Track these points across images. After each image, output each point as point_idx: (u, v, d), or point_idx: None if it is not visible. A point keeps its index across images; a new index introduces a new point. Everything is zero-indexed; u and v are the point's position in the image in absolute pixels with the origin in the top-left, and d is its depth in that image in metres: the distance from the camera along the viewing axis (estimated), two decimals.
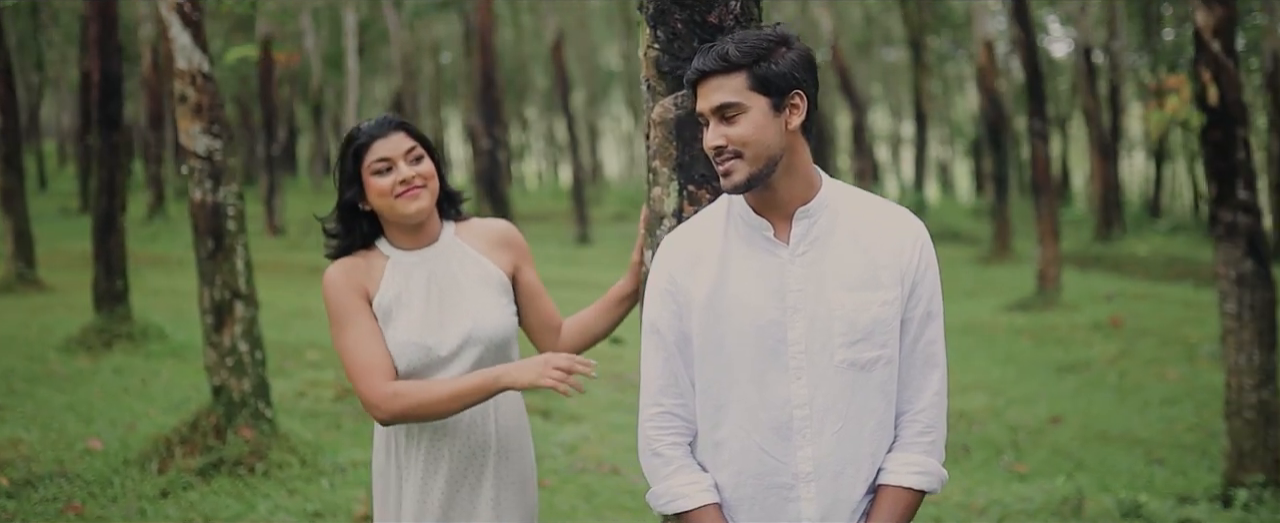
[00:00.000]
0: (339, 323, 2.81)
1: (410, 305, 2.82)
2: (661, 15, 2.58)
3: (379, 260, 2.88)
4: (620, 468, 6.81)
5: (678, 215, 2.62)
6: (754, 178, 2.30)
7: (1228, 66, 6.50)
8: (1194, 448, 8.01)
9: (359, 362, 2.76)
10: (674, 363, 2.43)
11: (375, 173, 2.78)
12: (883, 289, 2.35)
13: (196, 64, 6.25)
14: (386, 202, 2.79)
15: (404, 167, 2.78)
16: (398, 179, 2.77)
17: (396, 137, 2.80)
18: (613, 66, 51.53)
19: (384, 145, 2.79)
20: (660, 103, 2.61)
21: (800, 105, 2.30)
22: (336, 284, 2.82)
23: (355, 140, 2.81)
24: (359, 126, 2.84)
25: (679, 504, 2.41)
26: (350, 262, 2.86)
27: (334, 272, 2.85)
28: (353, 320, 2.79)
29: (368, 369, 2.75)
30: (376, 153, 2.78)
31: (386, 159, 2.78)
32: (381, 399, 2.73)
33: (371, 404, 2.75)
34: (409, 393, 2.73)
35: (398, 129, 2.82)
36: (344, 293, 2.81)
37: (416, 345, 2.80)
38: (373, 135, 2.80)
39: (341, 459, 6.54)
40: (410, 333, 2.80)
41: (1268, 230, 18.25)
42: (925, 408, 2.40)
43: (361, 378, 2.75)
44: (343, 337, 2.80)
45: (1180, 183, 45.99)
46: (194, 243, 6.41)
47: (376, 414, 2.76)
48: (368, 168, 2.79)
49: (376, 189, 2.78)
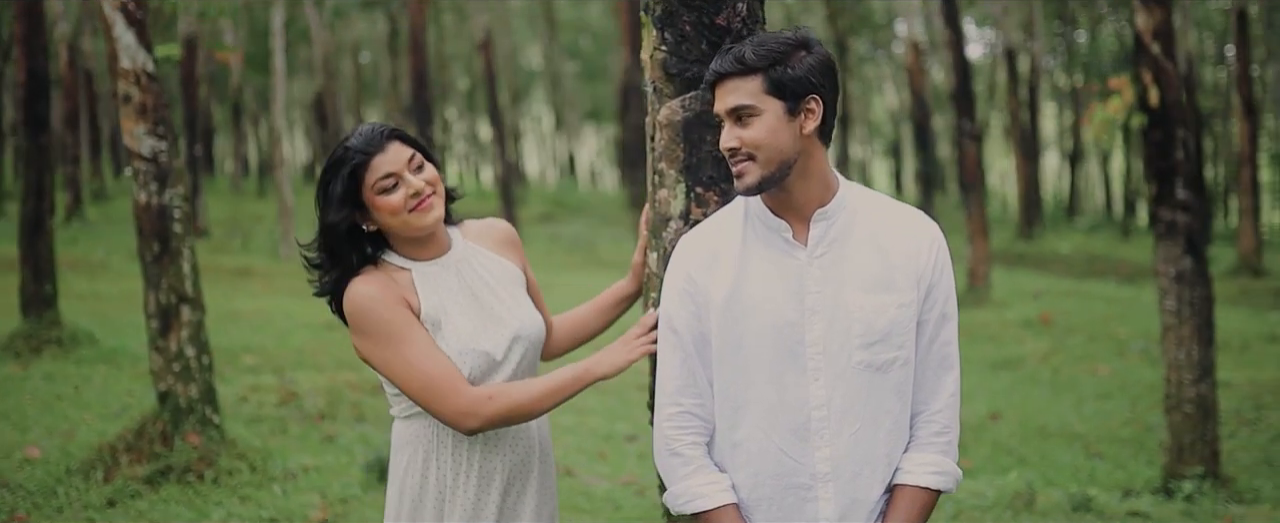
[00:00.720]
0: (393, 339, 2.60)
1: (455, 314, 2.69)
2: (669, 17, 2.57)
3: (400, 274, 2.70)
4: (573, 470, 6.79)
5: (685, 217, 2.62)
6: (766, 180, 2.31)
7: (1167, 68, 6.65)
8: (1131, 442, 8.19)
9: (434, 373, 2.59)
10: (692, 363, 2.43)
11: (382, 191, 2.61)
12: (899, 291, 2.37)
13: (141, 63, 6.11)
14: (399, 219, 2.63)
15: (411, 178, 2.62)
16: (408, 193, 2.61)
17: (394, 148, 2.63)
18: (534, 67, 51.39)
19: (385, 160, 2.61)
20: (667, 105, 2.60)
21: (816, 110, 2.31)
22: (379, 299, 2.61)
23: (350, 159, 2.60)
24: (347, 144, 2.63)
25: (698, 504, 2.40)
26: (376, 276, 2.66)
27: (367, 287, 2.62)
28: (409, 334, 2.60)
29: (447, 378, 2.59)
30: (379, 170, 2.60)
31: (392, 174, 2.61)
32: (473, 404, 2.58)
33: (463, 412, 2.58)
34: (504, 395, 2.61)
35: (392, 139, 2.64)
36: (390, 307, 2.61)
37: (476, 352, 2.66)
38: (369, 151, 2.61)
39: (292, 465, 6.45)
40: (465, 341, 2.66)
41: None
42: (942, 409, 2.43)
43: (442, 389, 2.58)
44: (402, 352, 2.60)
45: (1092, 183, 47.00)
46: (138, 246, 6.26)
47: (468, 423, 2.60)
48: (372, 187, 2.61)
49: (387, 207, 2.61)
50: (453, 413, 2.59)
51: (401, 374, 2.61)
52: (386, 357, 2.61)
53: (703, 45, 2.56)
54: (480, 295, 2.74)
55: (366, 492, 6.13)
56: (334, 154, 2.63)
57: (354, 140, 2.63)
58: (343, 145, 2.64)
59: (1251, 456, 7.62)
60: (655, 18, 2.59)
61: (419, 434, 2.72)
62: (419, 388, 2.60)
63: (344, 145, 2.64)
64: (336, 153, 2.63)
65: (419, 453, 2.72)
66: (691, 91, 2.58)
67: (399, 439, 2.77)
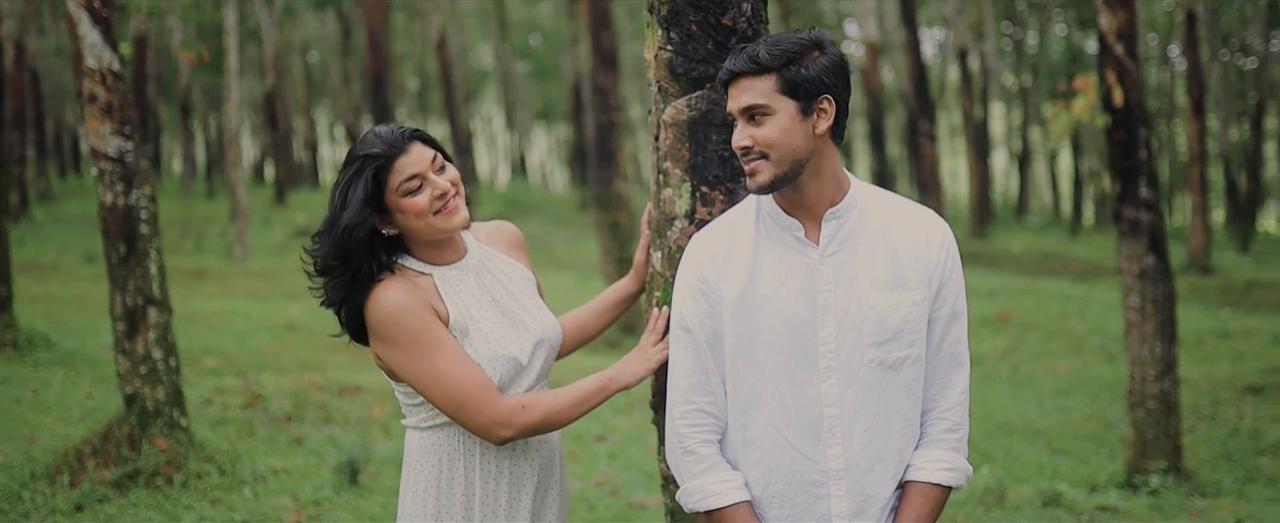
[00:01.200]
0: (423, 349, 2.53)
1: (480, 320, 2.65)
2: (675, 17, 2.57)
3: (422, 280, 2.64)
4: None
5: (690, 217, 2.62)
6: (779, 179, 2.32)
7: (1131, 69, 6.75)
8: (1092, 438, 8.29)
9: (467, 383, 2.53)
10: (705, 361, 2.44)
11: (407, 193, 2.55)
12: (911, 290, 2.39)
13: (107, 62, 6.03)
14: (424, 221, 2.57)
15: (436, 179, 2.57)
16: (434, 194, 2.57)
17: (417, 148, 2.58)
18: (485, 66, 51.17)
19: (408, 162, 2.55)
20: (673, 104, 2.61)
21: (828, 110, 2.33)
22: (408, 306, 2.54)
23: (372, 160, 2.53)
24: (368, 146, 2.55)
25: (712, 502, 2.41)
26: (401, 283, 2.58)
27: (395, 293, 2.55)
28: (439, 342, 2.54)
29: (481, 388, 2.54)
30: (404, 171, 2.54)
31: (417, 175, 2.55)
32: (508, 415, 2.55)
33: (497, 422, 2.54)
34: (537, 405, 2.57)
35: (413, 140, 2.58)
36: (419, 315, 2.54)
37: (505, 358, 2.62)
38: (392, 153, 2.54)
39: (261, 468, 6.39)
40: (494, 347, 2.62)
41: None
42: (953, 406, 2.45)
43: (477, 398, 2.53)
44: (434, 361, 2.53)
45: (1040, 183, 47.53)
46: (104, 248, 6.18)
47: (501, 433, 2.56)
48: (396, 189, 2.54)
49: (413, 210, 2.55)
50: (486, 423, 2.55)
51: (432, 385, 2.55)
52: (416, 367, 2.55)
53: (709, 45, 2.57)
54: (501, 300, 2.71)
55: (339, 494, 6.09)
56: (353, 156, 2.57)
57: (375, 142, 2.56)
58: (363, 147, 2.57)
59: (1210, 450, 7.74)
60: (661, 17, 2.59)
61: (443, 443, 2.67)
62: (451, 399, 2.55)
63: (364, 147, 2.57)
64: (356, 154, 2.56)
65: (445, 463, 2.66)
66: (698, 91, 2.58)
67: (419, 449, 2.69)
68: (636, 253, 2.86)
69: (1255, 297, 15.63)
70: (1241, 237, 26.11)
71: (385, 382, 8.75)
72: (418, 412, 2.68)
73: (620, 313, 2.96)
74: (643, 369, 2.64)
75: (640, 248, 2.83)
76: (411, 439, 2.72)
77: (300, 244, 17.85)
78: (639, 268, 2.86)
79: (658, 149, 2.67)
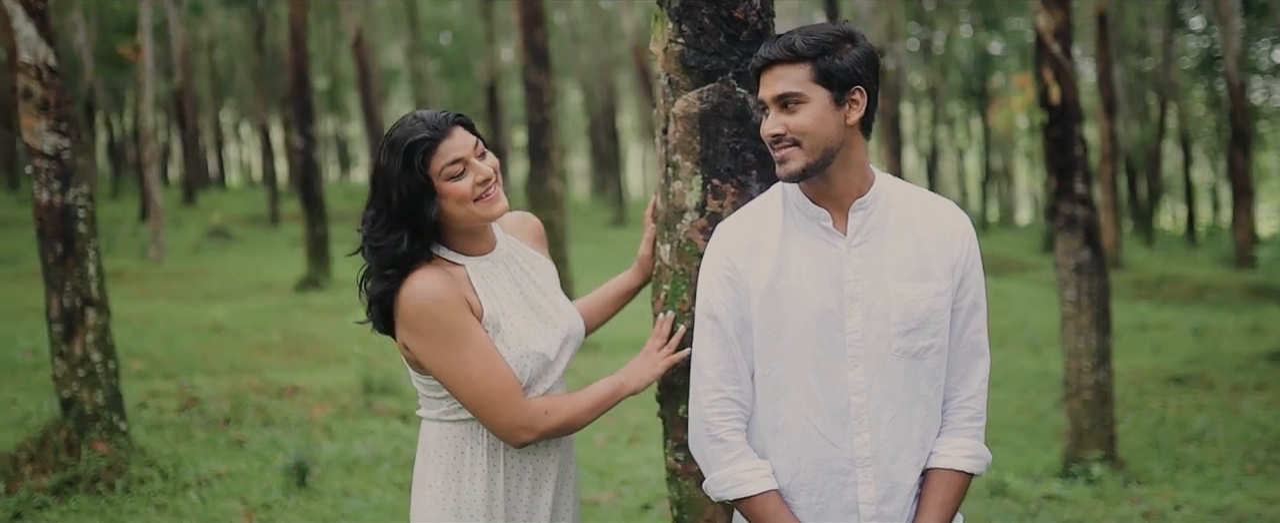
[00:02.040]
0: (455, 344, 2.49)
1: (512, 314, 2.62)
2: (688, 10, 2.57)
3: (455, 270, 2.59)
4: None
5: (701, 210, 2.62)
6: (810, 167, 2.33)
7: (1067, 67, 6.90)
8: (1025, 429, 8.46)
9: (496, 384, 2.51)
10: (733, 349, 2.44)
11: (450, 177, 2.50)
12: (935, 280, 2.42)
13: (42, 57, 5.86)
14: (465, 208, 2.53)
15: (478, 164, 2.53)
16: (477, 180, 2.53)
17: (459, 133, 2.53)
18: (395, 65, 50.64)
19: (451, 145, 2.50)
20: (684, 97, 2.60)
21: (860, 101, 2.35)
22: (445, 298, 2.49)
23: (419, 143, 2.48)
24: (411, 129, 2.50)
25: (742, 490, 2.42)
26: (437, 274, 2.53)
27: (433, 285, 2.50)
28: (472, 339, 2.50)
29: (509, 391, 2.51)
30: (447, 155, 2.50)
31: (460, 160, 2.50)
32: (531, 419, 2.53)
33: (519, 426, 2.53)
34: (558, 409, 2.56)
35: (457, 124, 2.54)
36: (455, 309, 2.50)
37: (536, 355, 2.59)
38: (436, 136, 2.49)
39: (204, 471, 6.26)
40: (525, 342, 2.59)
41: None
42: (974, 395, 2.49)
43: (503, 401, 2.51)
44: (464, 358, 2.50)
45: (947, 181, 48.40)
46: (40, 248, 6.01)
47: (522, 437, 2.55)
48: (439, 173, 2.50)
49: (456, 194, 2.51)
50: (509, 426, 2.53)
51: (460, 382, 2.52)
52: (446, 362, 2.51)
53: (721, 38, 2.57)
54: (530, 295, 2.69)
55: (289, 497, 5.99)
56: (395, 140, 2.52)
57: (420, 126, 2.52)
58: (404, 130, 2.53)
59: (1140, 439, 7.95)
60: (672, 10, 2.59)
61: (465, 436, 2.63)
62: (478, 398, 2.52)
63: (407, 130, 2.52)
64: (399, 137, 2.51)
65: (467, 456, 2.63)
66: (710, 84, 2.58)
67: (438, 441, 2.66)
68: (641, 247, 2.85)
69: (1166, 290, 16.09)
70: (1145, 232, 26.83)
71: (325, 382, 8.65)
72: (439, 404, 2.65)
73: (622, 306, 2.95)
74: (650, 375, 2.64)
75: (645, 242, 2.83)
76: (430, 431, 2.68)
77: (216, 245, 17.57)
78: (644, 261, 2.85)
79: (666, 142, 2.66)
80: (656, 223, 2.75)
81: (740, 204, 2.60)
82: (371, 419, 7.74)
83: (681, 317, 2.66)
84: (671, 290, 2.68)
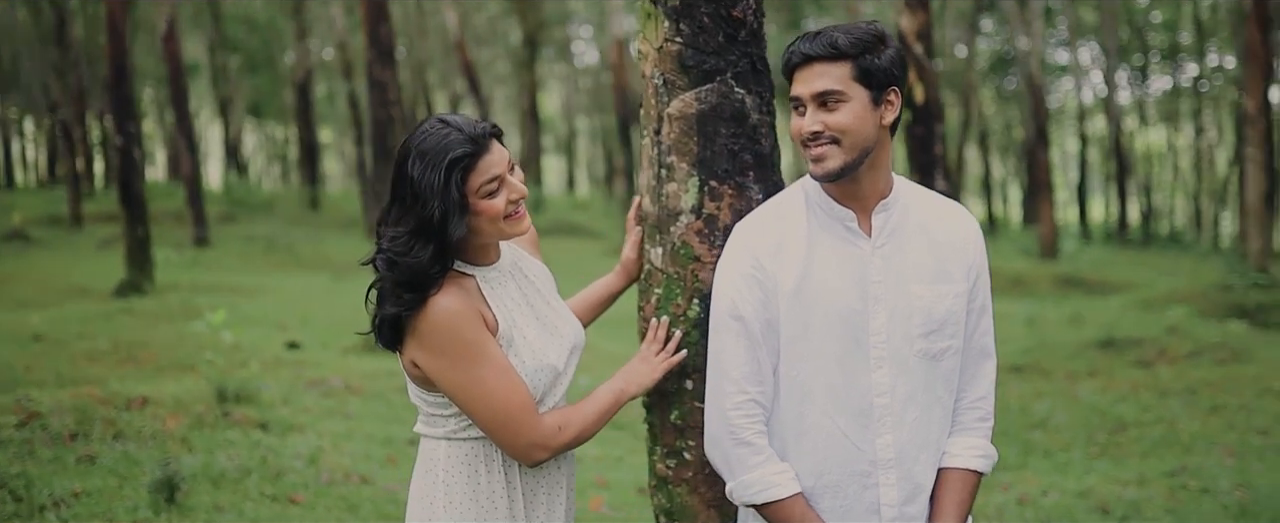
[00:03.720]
0: (470, 360, 2.37)
1: (524, 327, 2.51)
2: (687, 9, 2.51)
3: (467, 282, 2.47)
4: (370, 477, 6.54)
5: (696, 212, 2.57)
6: (847, 167, 2.31)
7: (929, 67, 7.11)
8: None
9: (514, 402, 2.40)
10: (758, 351, 2.39)
11: (487, 195, 2.37)
12: (955, 282, 2.43)
13: None
14: (496, 225, 2.41)
15: (513, 181, 2.42)
16: (511, 197, 2.41)
17: (496, 147, 2.39)
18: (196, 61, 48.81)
19: (490, 162, 2.37)
20: (681, 97, 2.55)
21: (895, 102, 2.33)
22: (465, 315, 2.36)
23: (461, 159, 2.33)
24: (449, 140, 2.33)
25: (772, 493, 2.37)
26: (454, 290, 2.40)
27: (452, 302, 2.37)
28: (488, 355, 2.39)
29: (525, 408, 2.41)
30: (486, 172, 2.36)
31: (498, 177, 2.38)
32: (547, 437, 2.43)
33: (536, 445, 2.42)
34: (570, 423, 2.46)
35: (493, 136, 2.40)
36: (473, 325, 2.37)
37: (548, 368, 2.49)
38: (477, 151, 2.35)
39: (58, 491, 5.88)
40: (537, 356, 2.49)
41: None
42: (984, 396, 2.51)
43: (520, 419, 2.40)
44: (482, 376, 2.38)
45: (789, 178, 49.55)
46: None
47: (538, 455, 2.44)
48: (477, 190, 2.36)
49: (490, 212, 2.38)
50: (526, 445, 2.43)
51: (477, 400, 2.40)
52: (462, 381, 2.39)
53: (720, 37, 2.52)
54: (535, 305, 2.59)
55: (158, 514, 5.67)
56: (431, 150, 2.34)
57: (458, 137, 2.34)
58: (440, 139, 2.35)
59: None
60: (669, 9, 2.53)
61: (480, 453, 2.52)
62: (496, 417, 2.41)
63: (444, 140, 2.35)
64: (436, 149, 2.34)
65: (483, 472, 2.52)
66: (708, 84, 2.53)
67: (450, 459, 2.52)
68: (625, 250, 2.78)
69: (995, 284, 16.76)
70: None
71: (173, 391, 8.25)
72: (446, 422, 2.52)
73: (604, 310, 2.88)
74: (649, 379, 2.58)
75: (631, 245, 2.75)
76: (437, 450, 2.54)
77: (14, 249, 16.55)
78: (628, 265, 2.78)
79: (659, 143, 2.60)
80: (646, 225, 2.69)
81: (738, 206, 2.57)
82: (230, 429, 7.39)
83: (676, 321, 2.61)
84: (665, 294, 2.62)
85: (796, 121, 2.33)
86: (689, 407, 2.62)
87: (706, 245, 2.57)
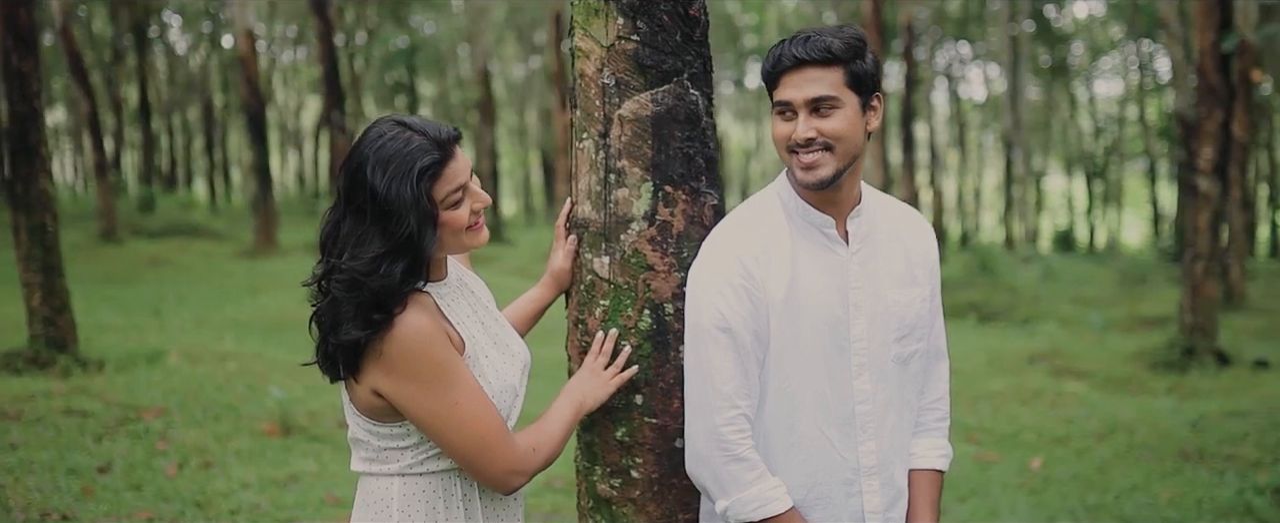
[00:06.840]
0: (443, 383, 2.14)
1: (484, 344, 2.28)
2: (645, 5, 2.36)
3: (425, 298, 2.23)
4: (71, 514, 5.88)
5: (649, 218, 2.43)
6: (839, 173, 2.26)
7: None
8: None
9: (487, 427, 2.18)
10: (748, 363, 2.28)
11: (452, 205, 2.17)
12: (920, 286, 2.44)
13: None
14: (457, 237, 2.21)
15: (477, 191, 2.24)
16: (474, 207, 2.22)
17: (460, 154, 2.19)
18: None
19: (456, 169, 2.17)
20: (635, 99, 2.39)
21: (878, 108, 2.30)
22: (432, 334, 2.13)
23: (429, 167, 2.12)
24: (415, 148, 2.11)
25: (769, 509, 2.28)
26: (418, 307, 2.17)
27: (419, 321, 2.13)
28: (460, 379, 2.17)
29: (499, 433, 2.20)
30: (453, 180, 2.16)
31: (463, 186, 2.18)
32: (520, 461, 2.22)
33: (510, 471, 2.21)
34: (541, 444, 2.26)
35: (456, 141, 2.19)
36: (443, 345, 2.14)
37: (510, 389, 2.30)
38: (443, 157, 2.14)
39: None
40: (503, 377, 2.29)
41: None
42: (941, 396, 2.54)
43: (493, 445, 2.19)
44: (454, 398, 2.15)
45: None
46: None
47: (514, 482, 2.22)
48: (443, 200, 2.16)
49: (454, 224, 2.18)
50: (503, 472, 2.22)
51: (452, 427, 2.16)
52: (435, 407, 2.15)
53: (678, 36, 2.40)
54: (485, 322, 2.38)
55: None
56: (392, 154, 2.10)
57: (423, 142, 2.11)
58: (404, 144, 2.11)
59: None
60: (623, 6, 2.37)
61: (438, 488, 2.28)
62: (471, 443, 2.18)
63: (407, 145, 2.11)
64: (399, 152, 2.10)
65: (442, 508, 2.27)
66: (665, 85, 2.40)
67: (405, 500, 2.26)
68: (556, 260, 2.58)
69: None
70: None
71: None
72: (403, 456, 2.26)
73: (536, 323, 2.69)
74: (603, 393, 2.43)
75: (565, 254, 2.55)
76: (389, 488, 2.27)
77: None
78: (560, 275, 2.58)
79: (606, 146, 2.43)
80: (588, 233, 2.51)
81: (691, 212, 2.46)
82: None
83: (626, 333, 2.47)
84: (612, 306, 2.47)
85: (783, 127, 2.26)
86: (638, 423, 2.49)
87: (659, 253, 2.45)
